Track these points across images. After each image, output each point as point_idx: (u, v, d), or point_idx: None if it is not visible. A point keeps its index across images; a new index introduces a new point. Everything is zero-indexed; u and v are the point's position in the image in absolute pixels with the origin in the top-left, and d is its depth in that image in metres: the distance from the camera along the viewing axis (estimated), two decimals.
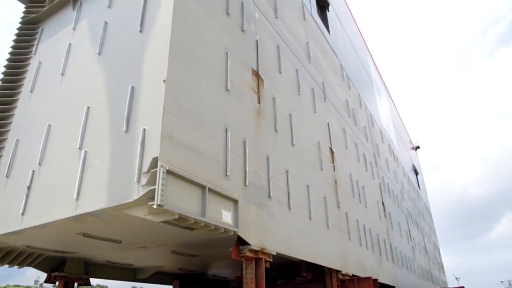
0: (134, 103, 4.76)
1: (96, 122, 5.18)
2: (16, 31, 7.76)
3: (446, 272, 34.96)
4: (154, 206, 3.63)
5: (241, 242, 5.02)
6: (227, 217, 4.58)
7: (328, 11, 13.73)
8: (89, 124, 5.25)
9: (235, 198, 4.87)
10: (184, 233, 5.38)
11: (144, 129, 4.37)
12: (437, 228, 36.35)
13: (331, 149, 9.64)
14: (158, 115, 4.17)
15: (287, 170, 6.71)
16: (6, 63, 7.40)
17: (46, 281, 7.39)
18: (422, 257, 21.49)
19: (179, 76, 4.56)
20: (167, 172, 3.85)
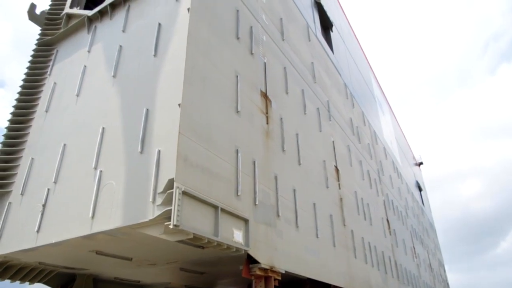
0: (149, 125, 4.94)
1: (111, 142, 5.35)
2: (32, 52, 8.06)
3: None
4: (171, 226, 3.77)
5: (251, 260, 5.13)
6: (238, 236, 4.71)
7: (332, 31, 14.06)
8: (104, 144, 5.42)
9: (246, 217, 5.00)
10: (194, 251, 5.49)
11: (159, 151, 4.54)
12: (441, 245, 36.06)
13: (336, 167, 9.77)
14: (173, 138, 4.34)
15: (294, 189, 6.84)
16: (22, 83, 7.66)
17: None
18: (427, 274, 21.32)
19: (193, 100, 4.76)
20: (183, 193, 4.00)
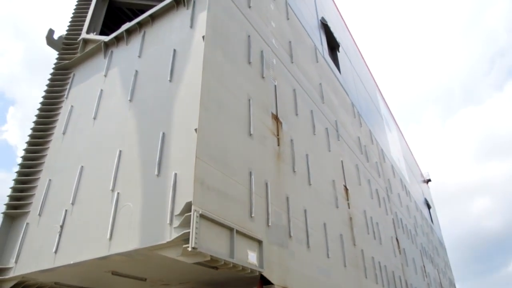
0: (165, 148, 5.11)
1: (128, 165, 5.51)
2: (49, 76, 8.35)
3: None
4: (189, 248, 3.87)
5: (264, 281, 5.20)
6: (252, 258, 4.80)
7: (338, 51, 14.33)
8: (121, 167, 5.59)
9: (260, 238, 5.09)
10: (207, 272, 5.55)
11: (175, 174, 4.69)
12: (452, 263, 35.46)
13: (345, 186, 9.85)
14: (190, 162, 4.48)
15: (305, 210, 6.93)
16: (39, 106, 7.92)
17: None
18: None
19: (208, 125, 4.92)
20: (200, 215, 4.12)
